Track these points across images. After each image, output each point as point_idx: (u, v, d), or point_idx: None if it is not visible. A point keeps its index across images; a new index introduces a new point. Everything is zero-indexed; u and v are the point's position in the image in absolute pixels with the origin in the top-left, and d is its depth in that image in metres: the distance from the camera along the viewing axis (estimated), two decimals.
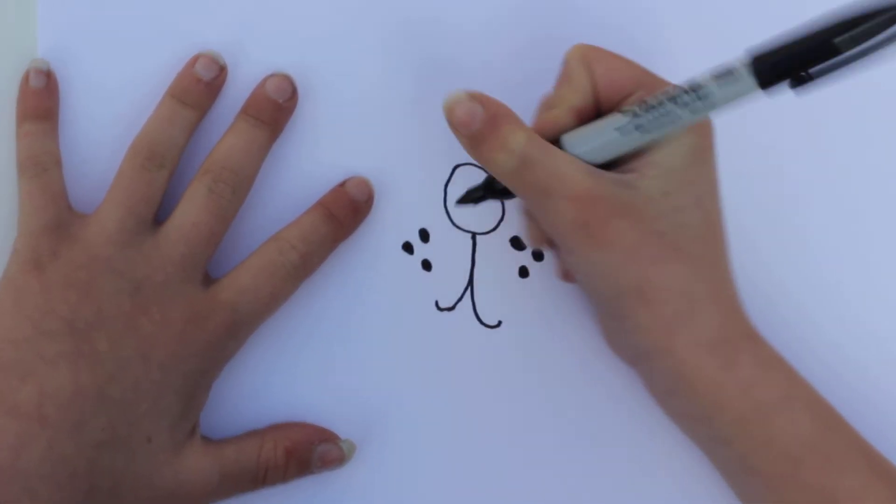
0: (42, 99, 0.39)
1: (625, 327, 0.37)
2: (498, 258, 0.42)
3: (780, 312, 0.42)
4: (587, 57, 0.38)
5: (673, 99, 0.34)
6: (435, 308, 0.42)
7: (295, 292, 0.40)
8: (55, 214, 0.37)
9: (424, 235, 0.42)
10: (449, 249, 0.42)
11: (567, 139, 0.37)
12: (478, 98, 0.36)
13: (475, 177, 0.42)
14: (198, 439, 0.38)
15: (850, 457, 0.36)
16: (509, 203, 0.43)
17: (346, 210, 0.40)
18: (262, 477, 0.39)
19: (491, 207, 0.42)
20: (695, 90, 0.33)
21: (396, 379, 0.41)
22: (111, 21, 0.41)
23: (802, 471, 0.36)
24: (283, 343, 0.41)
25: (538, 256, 0.42)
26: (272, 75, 0.41)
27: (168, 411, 0.37)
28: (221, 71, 0.40)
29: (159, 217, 0.39)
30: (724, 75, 0.32)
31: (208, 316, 0.37)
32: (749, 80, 0.31)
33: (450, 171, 0.42)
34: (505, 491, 0.41)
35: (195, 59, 0.40)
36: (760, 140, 0.43)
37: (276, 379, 0.41)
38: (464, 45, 0.43)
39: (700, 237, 0.37)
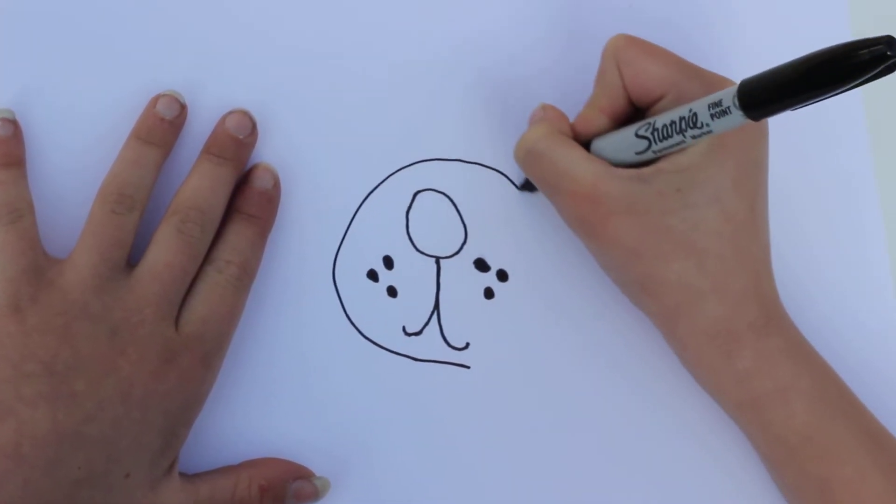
0: (10, 146, 0.39)
1: (636, 303, 0.40)
2: (462, 281, 0.43)
3: None
4: (619, 56, 0.38)
5: (673, 125, 0.35)
6: (402, 333, 0.42)
7: (266, 326, 0.41)
8: (32, 260, 0.38)
9: (388, 262, 0.42)
10: (413, 275, 0.42)
11: (596, 142, 0.38)
12: (545, 107, 0.40)
13: (436, 203, 0.43)
14: (175, 476, 0.39)
15: (849, 447, 0.37)
16: (472, 225, 0.43)
17: (262, 206, 0.41)
18: None
19: (453, 231, 0.43)
20: (693, 120, 0.34)
21: (369, 407, 0.42)
22: (65, 67, 0.41)
23: (798, 459, 0.38)
24: (256, 376, 0.41)
25: (502, 277, 0.43)
26: (231, 112, 0.41)
27: (148, 447, 0.37)
28: (182, 109, 0.41)
29: (131, 257, 0.39)
30: (716, 105, 0.33)
31: (180, 352, 0.38)
32: (738, 113, 0.32)
33: (410, 197, 0.43)
34: None
35: (156, 99, 0.41)
36: None
37: (250, 412, 0.41)
38: (426, 78, 0.43)
39: (714, 233, 0.37)
